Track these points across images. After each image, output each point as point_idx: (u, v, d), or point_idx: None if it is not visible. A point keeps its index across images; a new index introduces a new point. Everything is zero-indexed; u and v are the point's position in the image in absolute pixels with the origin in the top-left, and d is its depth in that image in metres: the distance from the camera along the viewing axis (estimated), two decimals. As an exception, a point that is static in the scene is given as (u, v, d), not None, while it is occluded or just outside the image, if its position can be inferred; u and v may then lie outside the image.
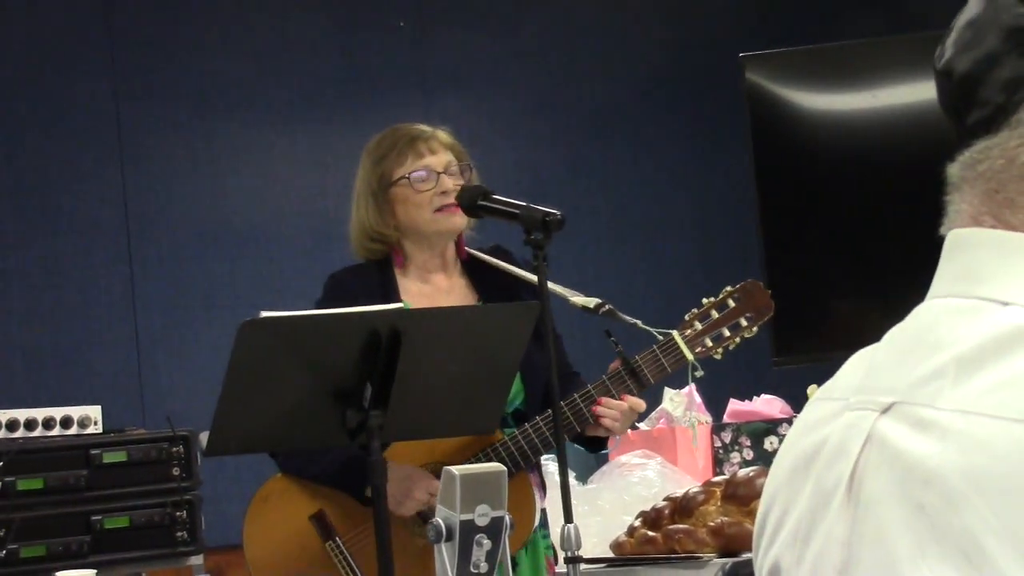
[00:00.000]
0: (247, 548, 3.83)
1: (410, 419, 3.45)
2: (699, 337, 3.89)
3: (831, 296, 4.96)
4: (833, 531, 1.25)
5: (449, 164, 3.91)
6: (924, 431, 1.19)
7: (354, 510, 3.78)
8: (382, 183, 3.91)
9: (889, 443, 1.21)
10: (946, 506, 1.16)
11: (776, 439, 4.63)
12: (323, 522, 3.77)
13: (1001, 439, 1.14)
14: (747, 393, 4.98)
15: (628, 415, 3.80)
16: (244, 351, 3.31)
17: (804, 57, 5.12)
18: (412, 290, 3.92)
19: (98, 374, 6.39)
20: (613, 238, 7.49)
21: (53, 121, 6.48)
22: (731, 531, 3.86)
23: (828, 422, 1.30)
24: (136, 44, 6.64)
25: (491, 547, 2.93)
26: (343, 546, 3.75)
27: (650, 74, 7.72)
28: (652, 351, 3.85)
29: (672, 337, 3.87)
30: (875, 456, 1.22)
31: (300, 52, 6.98)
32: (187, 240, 6.67)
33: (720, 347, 3.91)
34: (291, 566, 3.79)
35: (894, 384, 1.24)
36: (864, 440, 1.23)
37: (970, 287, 1.26)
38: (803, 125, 4.96)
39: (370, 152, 3.98)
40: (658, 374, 3.85)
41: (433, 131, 3.98)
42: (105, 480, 4.38)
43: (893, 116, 4.91)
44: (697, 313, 3.92)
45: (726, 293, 3.96)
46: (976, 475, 1.15)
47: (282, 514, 3.82)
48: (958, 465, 1.16)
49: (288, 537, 3.80)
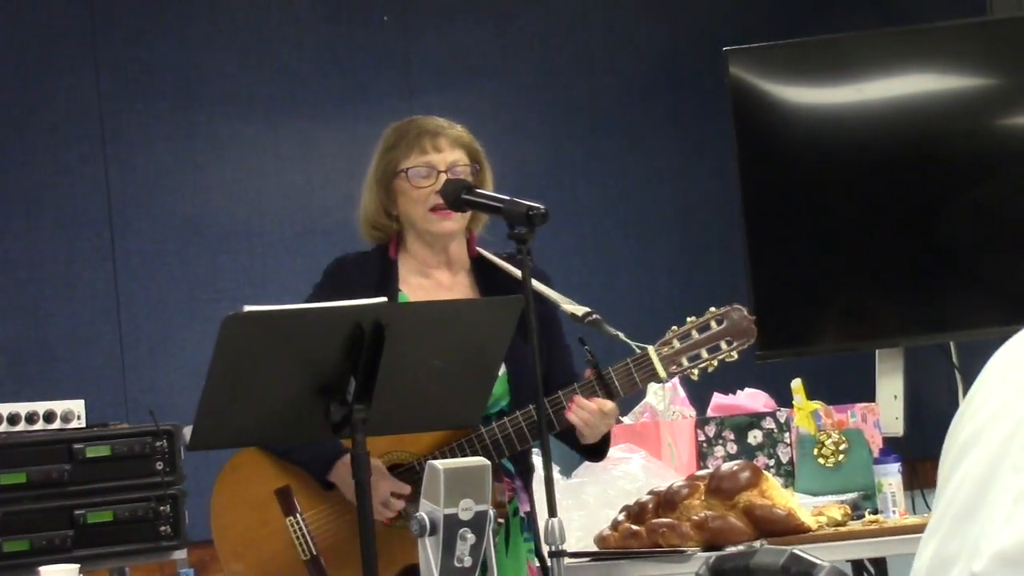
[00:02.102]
0: (214, 514, 3.85)
1: (394, 413, 3.45)
2: (676, 356, 3.84)
3: (815, 291, 4.97)
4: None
5: (454, 163, 3.89)
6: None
7: (320, 489, 3.80)
8: (387, 172, 3.92)
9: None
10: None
11: (760, 433, 4.63)
12: (287, 497, 3.79)
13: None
14: (731, 387, 4.98)
15: (599, 416, 3.77)
16: (227, 345, 3.31)
17: (788, 51, 5.12)
18: (412, 282, 3.92)
19: (81, 368, 6.38)
20: (598, 233, 7.49)
21: (35, 115, 6.46)
22: (715, 525, 3.86)
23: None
24: (119, 38, 6.62)
25: (475, 541, 2.93)
26: (304, 523, 3.76)
27: (637, 68, 7.72)
28: (625, 364, 3.81)
29: (647, 353, 3.83)
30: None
31: (284, 46, 6.97)
32: (170, 234, 6.65)
33: (696, 368, 3.87)
34: (252, 537, 3.81)
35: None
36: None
37: None
38: (787, 119, 4.96)
39: (385, 139, 3.97)
40: (629, 388, 3.82)
41: (448, 127, 3.96)
42: (88, 474, 4.38)
43: (878, 110, 4.91)
44: (678, 331, 3.88)
45: (710, 315, 3.91)
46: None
47: (250, 485, 3.83)
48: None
49: (253, 507, 3.82)
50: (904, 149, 4.83)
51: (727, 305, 3.92)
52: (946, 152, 4.81)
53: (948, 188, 4.81)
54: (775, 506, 3.88)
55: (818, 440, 4.45)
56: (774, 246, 4.93)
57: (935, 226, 4.82)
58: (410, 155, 3.89)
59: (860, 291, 4.95)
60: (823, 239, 4.92)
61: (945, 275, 4.85)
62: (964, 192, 4.80)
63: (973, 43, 4.94)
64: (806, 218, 4.94)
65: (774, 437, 4.61)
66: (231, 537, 3.83)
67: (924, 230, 4.83)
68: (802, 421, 4.50)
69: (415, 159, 3.89)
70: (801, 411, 4.50)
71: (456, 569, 2.93)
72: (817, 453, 4.44)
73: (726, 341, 3.88)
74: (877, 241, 4.88)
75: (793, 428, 4.56)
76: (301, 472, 3.81)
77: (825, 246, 4.92)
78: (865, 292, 4.95)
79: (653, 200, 7.62)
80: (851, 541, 3.94)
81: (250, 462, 3.85)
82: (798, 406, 4.51)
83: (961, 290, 4.84)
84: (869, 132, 4.90)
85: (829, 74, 4.98)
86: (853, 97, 4.94)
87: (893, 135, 4.85)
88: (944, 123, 4.82)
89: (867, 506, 4.23)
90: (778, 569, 1.95)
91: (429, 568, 2.93)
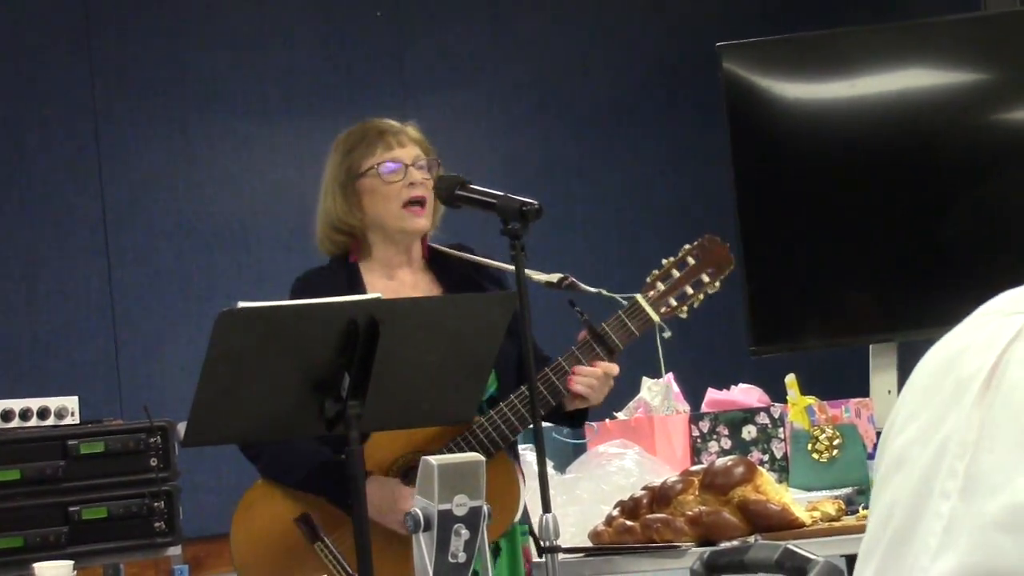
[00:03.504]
0: (235, 556, 3.83)
1: (388, 409, 3.45)
2: (663, 297, 3.91)
3: (809, 286, 4.97)
4: (969, 414, 1.26)
5: (417, 158, 3.93)
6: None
7: (336, 512, 3.78)
8: (350, 174, 3.92)
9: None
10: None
11: (754, 428, 4.63)
12: (309, 524, 3.76)
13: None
14: (725, 382, 4.98)
15: (603, 380, 3.82)
16: (222, 342, 3.31)
17: (781, 47, 5.12)
18: (378, 286, 3.91)
19: (75, 365, 6.38)
20: (591, 229, 7.50)
21: (29, 112, 6.46)
22: (709, 520, 3.86)
23: (974, 332, 1.32)
24: (113, 35, 6.62)
25: (469, 537, 2.93)
26: (332, 546, 3.74)
27: (630, 65, 7.72)
28: (618, 316, 3.87)
29: (636, 300, 3.89)
30: (1022, 348, 1.23)
31: (277, 43, 6.97)
32: (164, 231, 6.66)
33: (684, 305, 3.94)
34: (280, 570, 3.79)
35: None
36: (1013, 336, 1.25)
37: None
38: (781, 115, 4.96)
39: (339, 145, 4.00)
40: (626, 338, 3.87)
41: (402, 126, 4.00)
42: (83, 471, 4.37)
43: (872, 106, 4.91)
44: (658, 274, 3.94)
45: (685, 251, 3.98)
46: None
47: (267, 519, 3.81)
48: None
49: (275, 541, 3.79)
50: (899, 144, 4.83)
51: (699, 237, 3.98)
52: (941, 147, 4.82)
53: (943, 183, 4.81)
54: (769, 501, 3.88)
55: (812, 435, 4.45)
56: (768, 242, 4.93)
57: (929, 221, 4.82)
58: (374, 153, 3.91)
59: (854, 286, 4.95)
60: (817, 235, 4.92)
61: (939, 270, 4.84)
62: (959, 187, 4.81)
63: (967, 38, 4.94)
64: (800, 214, 4.94)
65: (768, 432, 4.61)
66: (258, 574, 3.82)
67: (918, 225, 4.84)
68: (796, 416, 4.50)
69: (381, 156, 3.91)
70: (795, 406, 4.50)
71: (450, 565, 2.93)
72: (811, 448, 4.44)
73: (707, 273, 3.95)
74: (871, 236, 4.87)
75: (787, 423, 4.56)
76: (314, 499, 3.79)
77: (819, 242, 4.91)
78: (859, 287, 4.95)
79: (646, 197, 7.63)
80: (845, 536, 3.94)
81: (262, 497, 3.85)
82: (792, 401, 4.51)
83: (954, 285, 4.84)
84: (863, 128, 4.89)
85: (823, 69, 4.98)
86: (847, 92, 4.94)
87: (887, 131, 4.85)
88: (939, 118, 4.82)
89: (861, 501, 4.23)
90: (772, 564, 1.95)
91: (423, 564, 2.93)
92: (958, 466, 1.24)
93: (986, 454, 1.22)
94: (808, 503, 4.05)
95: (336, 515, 3.77)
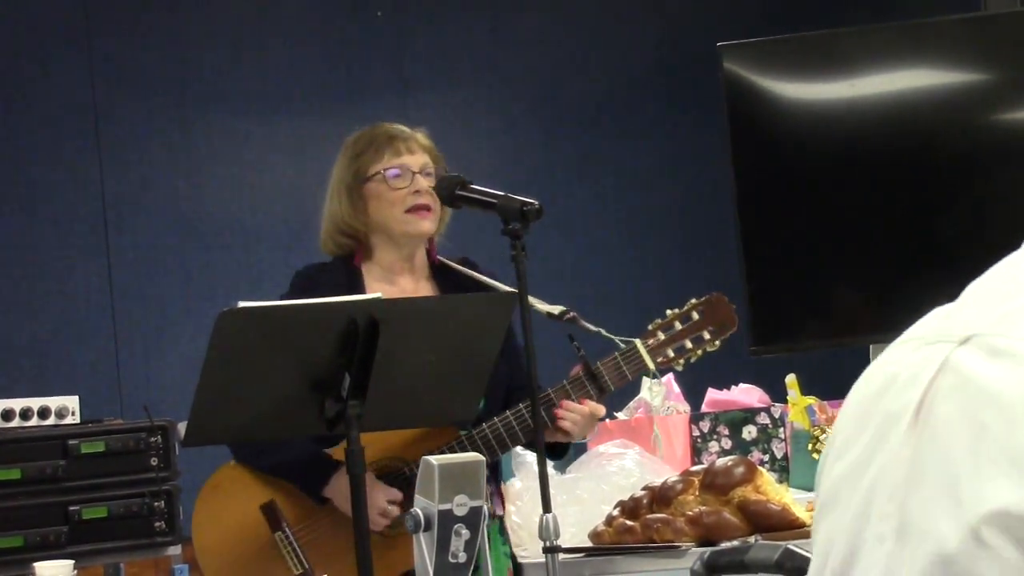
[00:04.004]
0: (195, 536, 3.83)
1: (388, 409, 3.45)
2: (662, 347, 3.90)
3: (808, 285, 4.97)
4: (896, 453, 1.26)
5: (425, 165, 3.93)
6: (998, 358, 1.21)
7: (306, 501, 3.78)
8: (357, 178, 3.92)
9: (963, 370, 1.24)
10: (1008, 426, 1.18)
11: (754, 428, 4.63)
12: (273, 512, 3.76)
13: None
14: (725, 382, 4.98)
15: (588, 420, 3.82)
16: (222, 341, 3.31)
17: (782, 46, 5.12)
18: (376, 289, 3.91)
19: (75, 364, 6.38)
20: (593, 229, 7.49)
21: (30, 112, 6.46)
22: (709, 520, 3.86)
23: (903, 359, 1.31)
24: (113, 33, 6.62)
25: (469, 537, 2.93)
26: (292, 537, 3.74)
27: (632, 64, 7.72)
28: (614, 358, 3.86)
29: (635, 345, 3.88)
30: (948, 382, 1.24)
31: (278, 42, 6.97)
32: (164, 230, 6.66)
33: (681, 359, 3.93)
34: (238, 555, 3.79)
35: (974, 320, 1.27)
36: (938, 369, 1.25)
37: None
38: (782, 115, 4.96)
39: (348, 147, 4.00)
40: (619, 381, 3.86)
41: (412, 132, 4.00)
42: (83, 470, 4.37)
43: (872, 105, 4.91)
44: (661, 323, 3.94)
45: (691, 305, 3.97)
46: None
47: (232, 502, 3.81)
48: (1022, 389, 1.18)
49: (237, 526, 3.79)
50: (899, 144, 4.83)
51: (707, 294, 3.97)
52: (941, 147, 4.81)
53: (943, 183, 4.81)
54: (770, 501, 3.88)
55: (812, 435, 4.45)
56: (768, 242, 4.93)
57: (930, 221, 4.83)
58: (382, 158, 3.91)
59: (854, 286, 4.95)
60: (817, 235, 4.91)
61: (939, 271, 4.85)
62: (959, 187, 4.81)
63: (968, 39, 4.94)
64: (801, 214, 4.94)
65: (769, 432, 4.61)
66: (216, 557, 3.81)
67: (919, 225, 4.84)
68: (796, 416, 4.50)
69: (389, 161, 3.91)
70: (796, 406, 4.50)
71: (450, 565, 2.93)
72: (811, 448, 4.44)
73: (708, 331, 3.94)
74: (872, 236, 4.87)
75: (788, 423, 4.56)
76: (285, 486, 3.79)
77: (820, 242, 4.91)
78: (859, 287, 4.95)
79: (647, 196, 7.63)
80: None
81: (231, 479, 3.84)
82: (792, 401, 4.52)
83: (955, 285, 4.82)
84: (864, 128, 4.89)
85: (823, 69, 4.98)
86: (848, 93, 4.94)
87: (888, 131, 4.85)
88: (939, 119, 4.82)
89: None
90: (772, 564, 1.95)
91: (424, 564, 2.92)
92: (890, 508, 1.25)
93: (915, 496, 1.23)
94: (808, 503, 4.05)
95: (305, 505, 3.77)
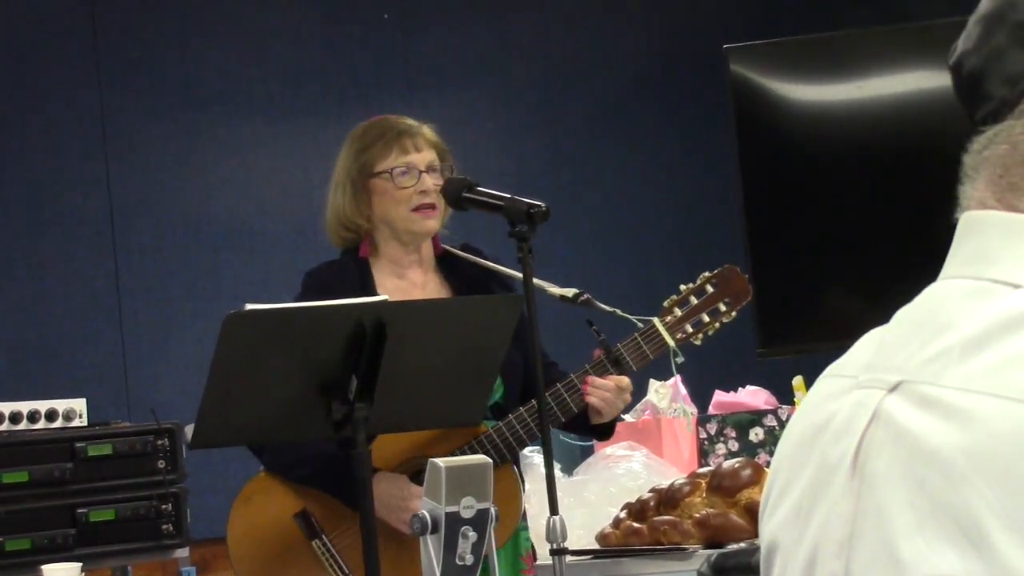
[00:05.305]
0: (231, 548, 3.82)
1: (395, 411, 3.45)
2: (679, 324, 3.91)
3: (815, 287, 4.97)
4: (836, 507, 1.24)
5: (431, 162, 3.90)
6: (928, 409, 1.19)
7: (339, 507, 3.77)
8: (363, 172, 3.90)
9: (894, 421, 1.22)
10: (946, 483, 1.16)
11: (761, 430, 4.63)
12: (308, 521, 3.76)
13: (1001, 419, 1.14)
14: (732, 384, 4.98)
15: (617, 393, 3.81)
16: (229, 344, 3.31)
17: (788, 48, 5.12)
18: (388, 285, 3.91)
19: (83, 367, 6.38)
20: (598, 230, 7.49)
21: (36, 113, 6.46)
22: (716, 522, 3.86)
23: (837, 398, 1.29)
24: (120, 36, 6.63)
25: (476, 539, 2.93)
26: (330, 544, 3.73)
27: (637, 66, 7.72)
28: (634, 339, 3.86)
29: (653, 324, 3.88)
30: (880, 433, 1.22)
31: (284, 44, 6.97)
32: (171, 232, 6.66)
33: (700, 333, 3.93)
34: (276, 565, 3.78)
35: (902, 363, 1.24)
36: (870, 418, 1.23)
37: (981, 269, 1.26)
38: (788, 116, 4.96)
39: (355, 140, 3.96)
40: (640, 361, 3.87)
41: (420, 127, 3.95)
42: (90, 473, 4.37)
43: (878, 107, 4.91)
44: (676, 300, 3.94)
45: (704, 279, 3.97)
46: (976, 454, 1.15)
47: (266, 513, 3.80)
48: (959, 443, 1.16)
49: (273, 536, 3.78)
50: (905, 146, 4.83)
51: (719, 267, 3.98)
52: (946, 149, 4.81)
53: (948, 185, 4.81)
54: (776, 503, 3.88)
55: (819, 437, 4.45)
56: (775, 244, 4.93)
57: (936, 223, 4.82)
58: (389, 155, 3.88)
59: (860, 288, 4.95)
60: (824, 236, 4.92)
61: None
62: (965, 189, 4.81)
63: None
64: (807, 215, 4.94)
65: (776, 434, 4.61)
66: (254, 568, 3.81)
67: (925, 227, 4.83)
68: (803, 418, 4.50)
69: (396, 159, 3.88)
70: (802, 408, 4.50)
71: (457, 567, 2.93)
72: (818, 450, 4.44)
73: (724, 303, 3.95)
74: (878, 238, 4.87)
75: (794, 425, 4.56)
76: (317, 495, 3.78)
77: (826, 243, 4.91)
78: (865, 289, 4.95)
79: (652, 198, 7.63)
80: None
81: (262, 490, 3.83)
82: (799, 403, 4.51)
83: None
84: (870, 129, 4.89)
85: (830, 71, 4.98)
86: (854, 94, 4.94)
87: (894, 132, 4.85)
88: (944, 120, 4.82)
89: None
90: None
91: (431, 567, 2.92)
92: (836, 566, 1.24)
93: (857, 554, 1.22)
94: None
95: (337, 512, 3.76)
